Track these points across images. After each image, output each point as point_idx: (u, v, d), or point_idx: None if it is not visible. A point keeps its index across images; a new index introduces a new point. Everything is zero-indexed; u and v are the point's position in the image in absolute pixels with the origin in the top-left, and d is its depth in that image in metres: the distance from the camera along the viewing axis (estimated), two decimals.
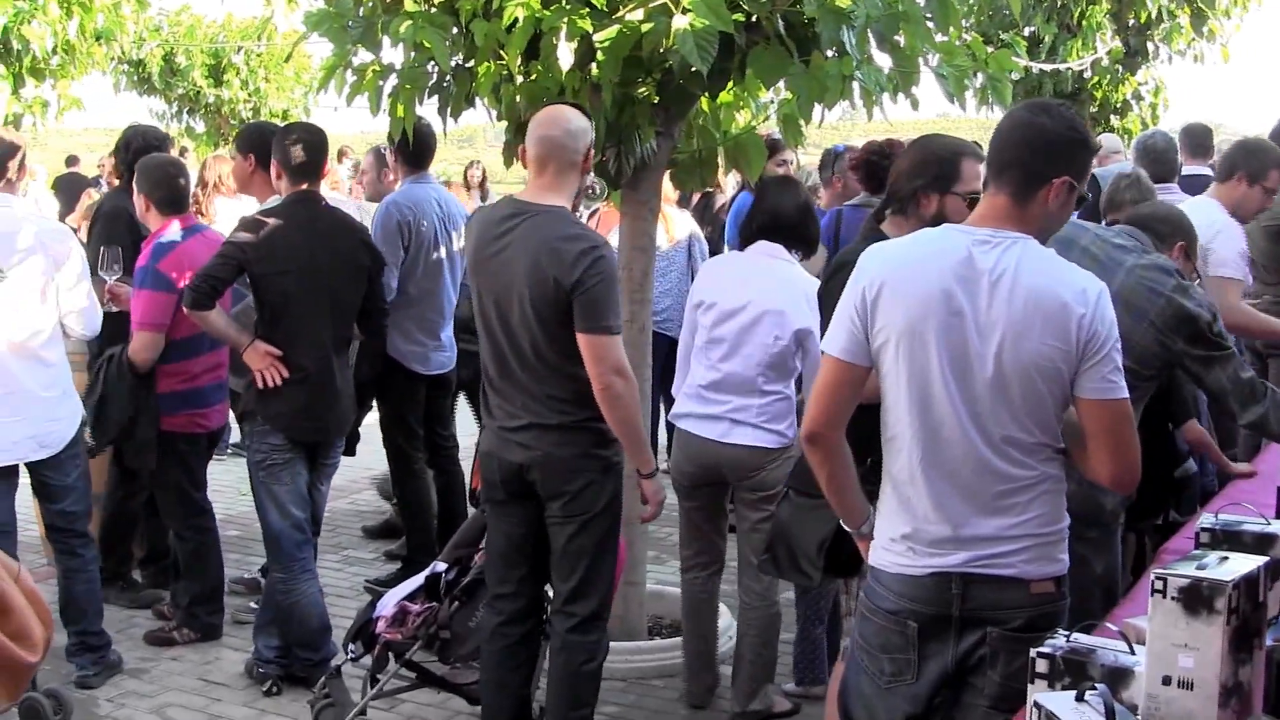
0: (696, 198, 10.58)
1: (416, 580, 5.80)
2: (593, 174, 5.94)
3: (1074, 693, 2.80)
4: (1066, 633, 3.11)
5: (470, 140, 56.79)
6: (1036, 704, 2.84)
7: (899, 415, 3.61)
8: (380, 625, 5.63)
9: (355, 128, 45.57)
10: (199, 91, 23.03)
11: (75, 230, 8.27)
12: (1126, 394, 3.53)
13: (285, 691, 6.33)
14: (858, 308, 3.60)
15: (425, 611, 5.60)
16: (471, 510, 6.15)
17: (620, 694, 6.22)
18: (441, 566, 5.73)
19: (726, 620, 6.51)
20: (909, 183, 4.62)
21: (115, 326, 6.82)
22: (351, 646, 5.75)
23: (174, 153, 8.10)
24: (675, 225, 9.32)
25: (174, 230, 6.64)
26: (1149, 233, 5.09)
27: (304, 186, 6.20)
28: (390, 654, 5.62)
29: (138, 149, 7.50)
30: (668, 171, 6.52)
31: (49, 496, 6.36)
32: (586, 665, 5.13)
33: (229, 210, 9.04)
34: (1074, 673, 2.93)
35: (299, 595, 6.19)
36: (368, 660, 5.70)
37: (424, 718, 6.10)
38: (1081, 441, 3.58)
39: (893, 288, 3.56)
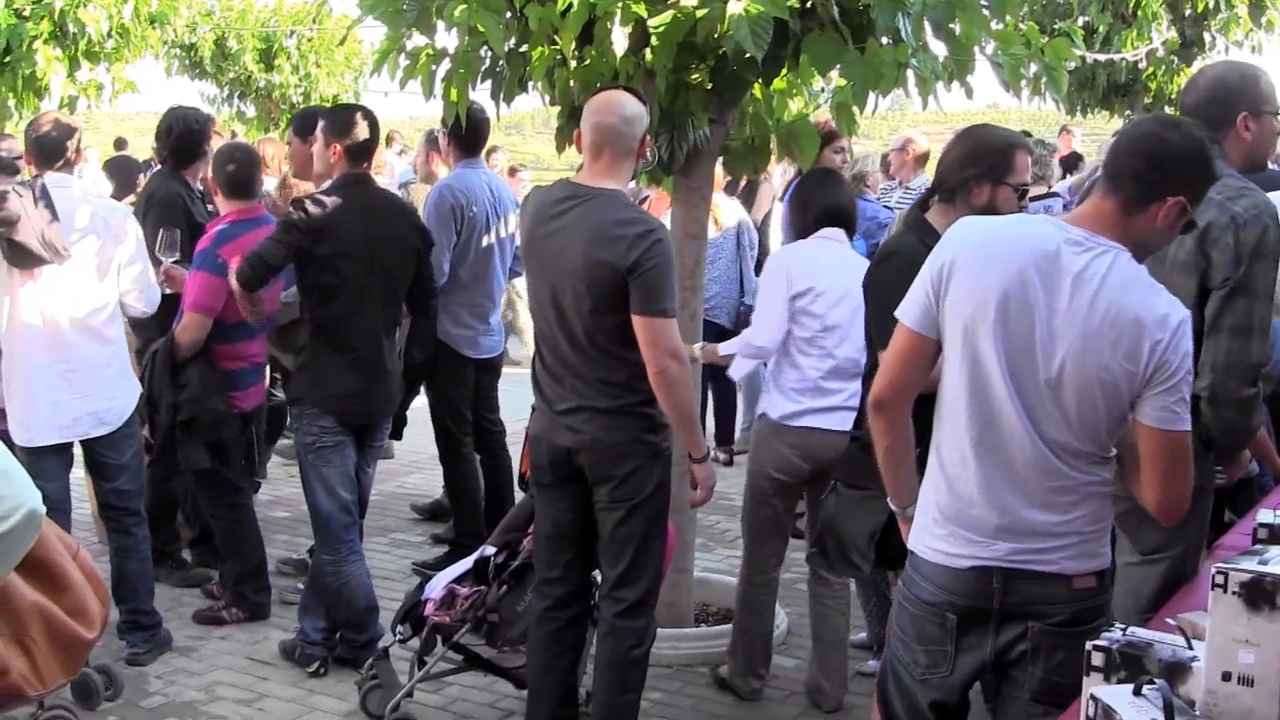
0: (741, 185, 10.53)
1: (465, 563, 5.81)
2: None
3: (1131, 687, 2.77)
4: (1122, 626, 3.09)
5: (518, 127, 56.89)
6: (1093, 697, 2.82)
7: (957, 394, 3.58)
8: (429, 608, 5.65)
9: (404, 113, 45.70)
10: (250, 76, 23.06)
11: None
12: (1188, 427, 3.45)
13: (331, 672, 6.35)
14: (934, 279, 3.57)
15: (473, 595, 5.62)
16: (520, 494, 6.14)
17: (666, 680, 6.22)
18: (490, 550, 5.74)
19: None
20: (961, 172, 4.60)
21: (169, 308, 6.87)
22: (400, 628, 5.78)
23: (216, 135, 8.10)
24: (723, 213, 9.30)
25: (246, 216, 6.68)
26: None
27: (358, 168, 6.22)
28: (438, 636, 5.64)
29: (180, 134, 7.54)
30: (720, 158, 6.50)
31: (104, 474, 6.40)
32: (634, 651, 5.12)
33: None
34: (1130, 667, 2.90)
35: (346, 577, 6.21)
36: (415, 642, 5.73)
37: (469, 700, 6.11)
38: (1135, 462, 3.54)
39: (971, 265, 3.53)
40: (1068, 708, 3.34)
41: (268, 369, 7.27)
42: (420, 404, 7.86)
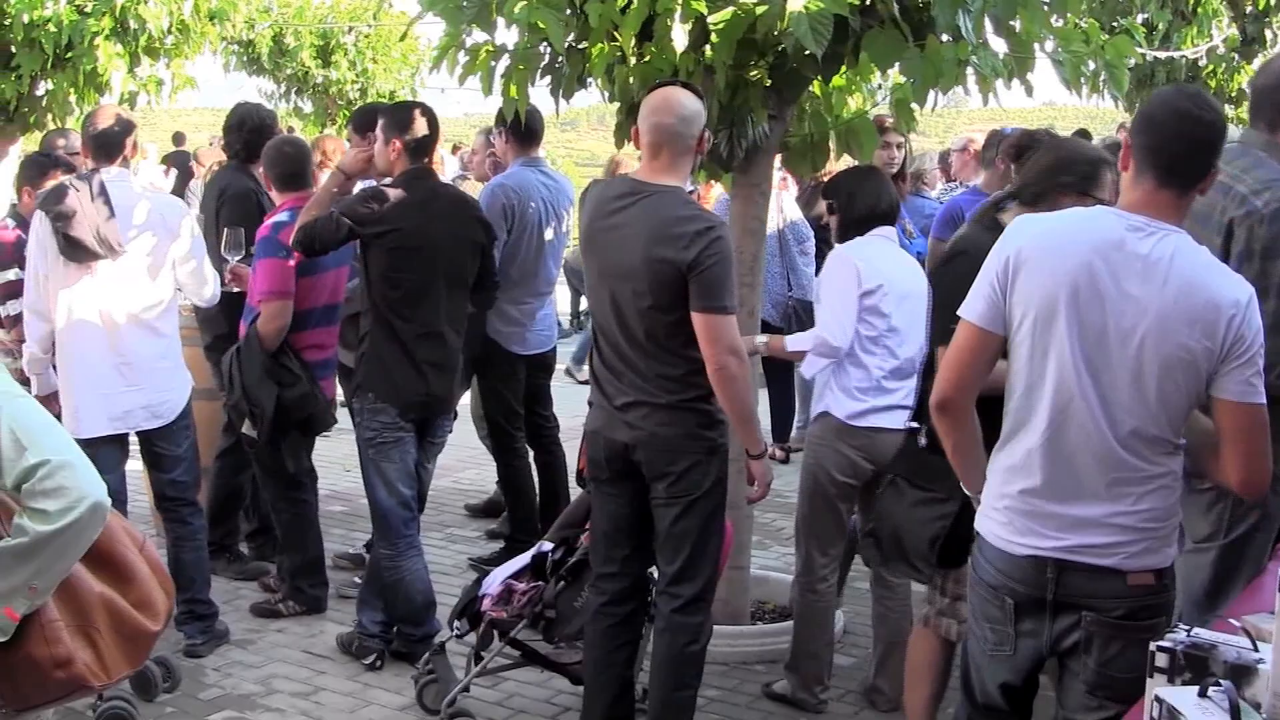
0: (802, 186, 10.44)
1: (523, 559, 5.83)
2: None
3: (1196, 688, 2.75)
4: (1186, 627, 3.07)
5: (574, 124, 56.92)
6: (1158, 698, 2.80)
7: (1026, 388, 3.64)
8: (486, 603, 5.67)
9: (459, 110, 45.74)
10: (307, 72, 23.16)
11: None
12: (1265, 400, 3.51)
13: (388, 666, 6.37)
14: (999, 274, 3.64)
15: (531, 590, 5.64)
16: (576, 490, 6.15)
17: (722, 678, 6.21)
18: (548, 546, 5.75)
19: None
20: (1050, 178, 4.63)
21: (235, 306, 6.93)
22: (457, 624, 5.80)
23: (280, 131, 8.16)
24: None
25: (293, 205, 6.72)
26: None
27: (419, 163, 6.24)
28: (495, 632, 5.65)
29: (253, 127, 7.61)
30: (779, 155, 6.49)
31: (160, 466, 6.45)
32: (690, 647, 5.12)
33: None
34: (1195, 668, 2.89)
35: (404, 571, 6.22)
36: (472, 638, 5.74)
37: (525, 695, 6.12)
38: (1213, 446, 3.59)
39: (1037, 259, 3.59)
40: (1129, 704, 3.37)
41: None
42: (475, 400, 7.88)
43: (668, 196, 4.89)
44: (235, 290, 6.96)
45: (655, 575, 5.28)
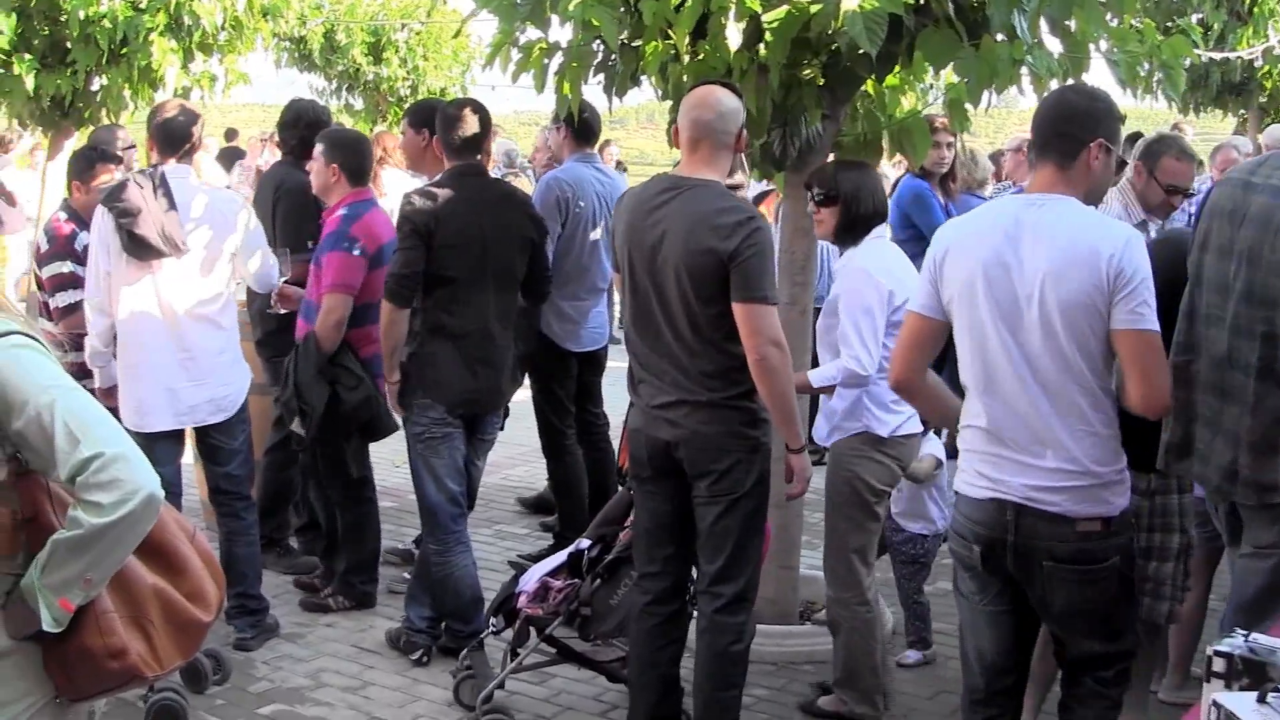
0: None
1: (559, 556, 5.87)
2: (754, 155, 5.95)
3: (1255, 694, 2.73)
4: (1244, 632, 3.05)
5: (623, 121, 57.02)
6: (1216, 704, 2.77)
7: (964, 361, 4.19)
8: (522, 600, 5.69)
9: (509, 107, 45.75)
10: (358, 69, 23.20)
11: None
12: (1154, 326, 3.97)
13: (436, 661, 6.39)
14: (930, 270, 4.24)
15: (567, 588, 5.66)
16: (619, 488, 6.14)
17: (770, 677, 6.20)
18: (585, 543, 5.77)
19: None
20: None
21: (284, 327, 6.99)
22: (493, 620, 5.84)
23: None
24: None
25: (360, 198, 6.76)
26: None
27: (470, 160, 6.25)
28: (531, 629, 5.66)
29: (309, 123, 7.63)
30: (831, 154, 6.46)
31: (216, 459, 6.49)
32: (734, 646, 5.10)
33: (396, 181, 9.17)
34: (1253, 674, 2.86)
35: (453, 567, 6.24)
36: (509, 634, 5.76)
37: (573, 692, 6.13)
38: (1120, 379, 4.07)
39: (955, 250, 4.18)
40: (1096, 635, 4.17)
41: None
42: (524, 396, 7.87)
43: (707, 189, 4.91)
44: (283, 311, 7.00)
45: (697, 574, 5.27)
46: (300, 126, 7.64)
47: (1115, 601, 4.18)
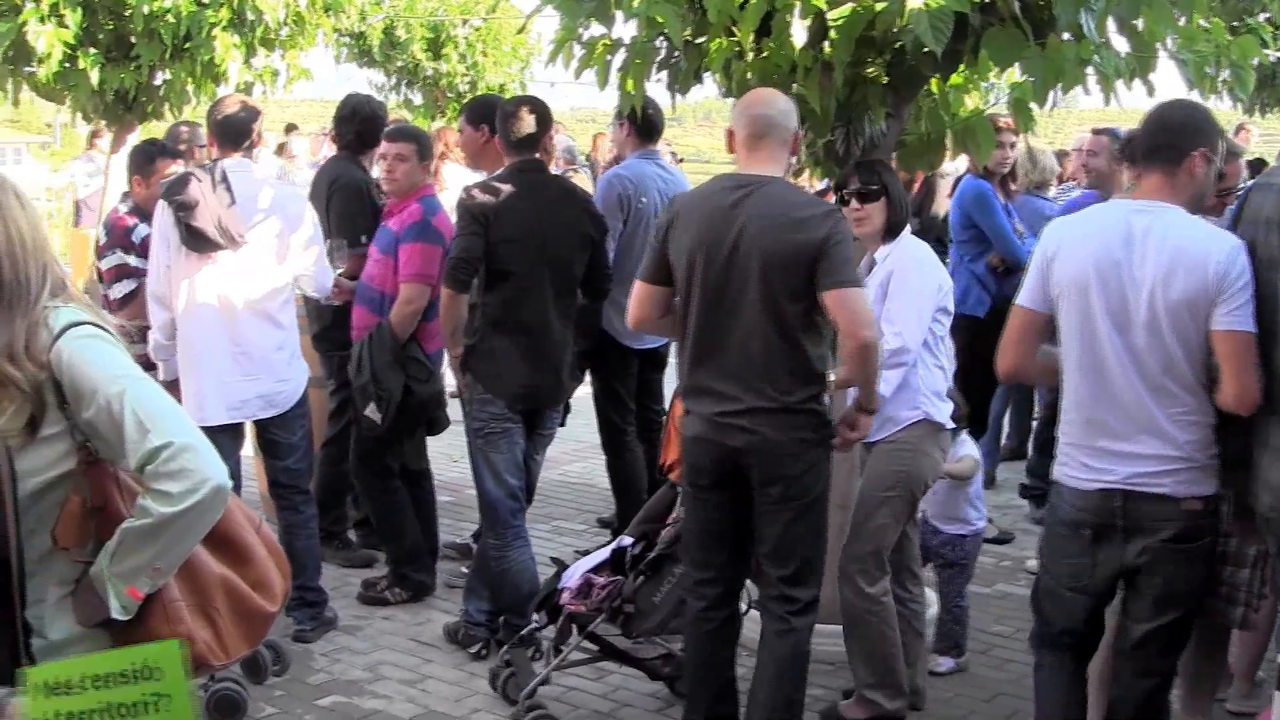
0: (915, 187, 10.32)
1: (603, 553, 5.87)
2: (816, 154, 5.94)
3: None
4: None
5: (680, 119, 57.01)
6: None
7: (1070, 354, 4.48)
8: (565, 596, 5.69)
9: (567, 104, 45.79)
10: (418, 64, 23.28)
11: None
12: (1251, 328, 4.25)
13: (493, 655, 6.38)
14: (1040, 266, 4.54)
15: (610, 585, 5.65)
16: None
17: (829, 677, 6.17)
18: (628, 540, 5.77)
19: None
20: None
21: (340, 321, 7.03)
22: (536, 616, 5.85)
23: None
24: None
25: (434, 191, 6.82)
26: None
27: (529, 156, 6.26)
28: (574, 625, 5.66)
29: (365, 118, 7.68)
30: (894, 154, 6.44)
31: (275, 453, 6.53)
32: (806, 647, 5.11)
33: (457, 176, 9.21)
34: None
35: (511, 562, 6.26)
36: (551, 631, 5.78)
37: (630, 689, 6.13)
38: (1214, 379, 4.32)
39: (1066, 250, 4.47)
40: (1185, 610, 4.48)
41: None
42: (585, 392, 7.88)
43: (780, 184, 4.94)
44: (336, 303, 7.04)
45: (753, 576, 5.27)
46: (357, 120, 7.69)
47: (1203, 579, 4.53)
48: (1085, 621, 4.67)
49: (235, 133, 6.40)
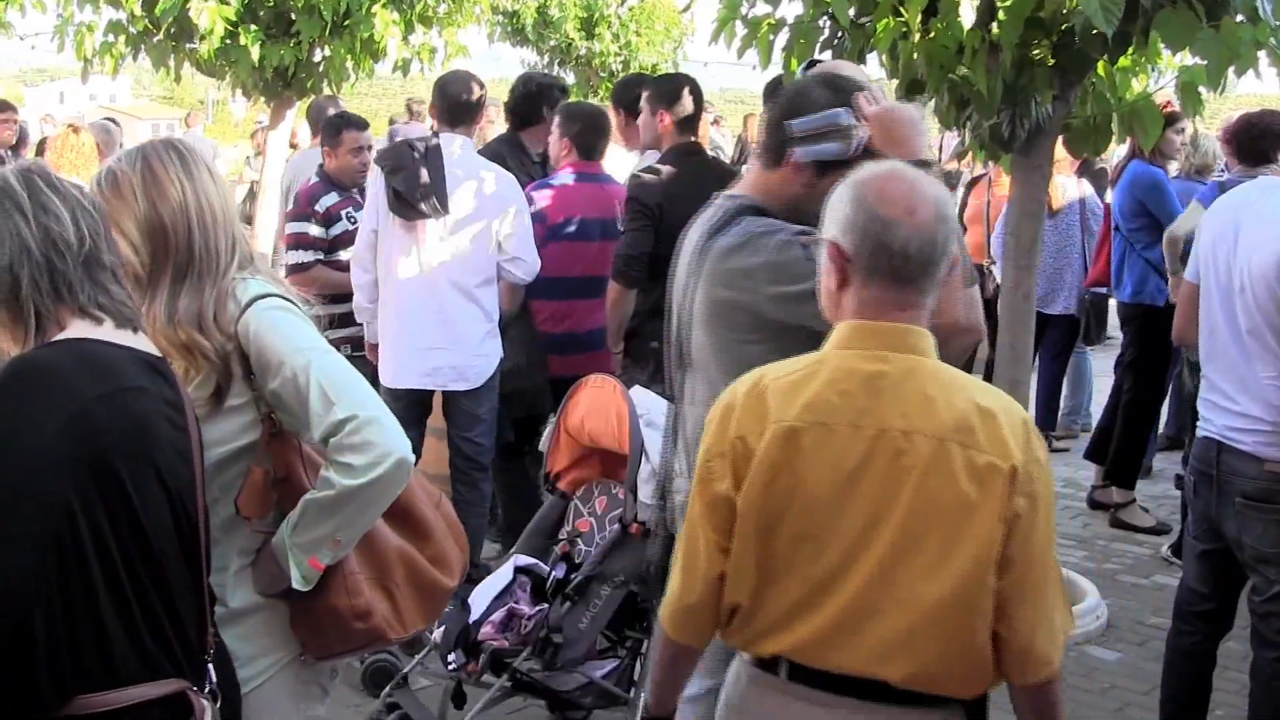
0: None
1: (503, 577, 5.30)
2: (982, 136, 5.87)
3: None
4: None
5: None
6: None
7: (1201, 319, 4.83)
8: (486, 631, 5.12)
9: (716, 84, 45.33)
10: (570, 43, 23.32)
11: None
12: None
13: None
14: (1195, 243, 4.95)
15: (537, 614, 5.11)
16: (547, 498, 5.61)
17: None
18: (523, 560, 5.31)
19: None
20: None
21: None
22: (452, 657, 5.06)
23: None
24: (1061, 193, 9.08)
25: (566, 175, 6.84)
26: None
27: (687, 137, 6.25)
28: (495, 662, 4.99)
29: (521, 96, 7.59)
30: (1060, 137, 6.35)
31: (460, 425, 6.56)
32: None
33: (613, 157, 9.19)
34: None
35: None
36: (444, 669, 5.13)
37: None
38: None
39: (1202, 227, 4.93)
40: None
41: None
42: None
43: None
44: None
45: None
46: (513, 99, 7.59)
47: None
48: (1208, 583, 4.90)
49: (458, 108, 6.53)
